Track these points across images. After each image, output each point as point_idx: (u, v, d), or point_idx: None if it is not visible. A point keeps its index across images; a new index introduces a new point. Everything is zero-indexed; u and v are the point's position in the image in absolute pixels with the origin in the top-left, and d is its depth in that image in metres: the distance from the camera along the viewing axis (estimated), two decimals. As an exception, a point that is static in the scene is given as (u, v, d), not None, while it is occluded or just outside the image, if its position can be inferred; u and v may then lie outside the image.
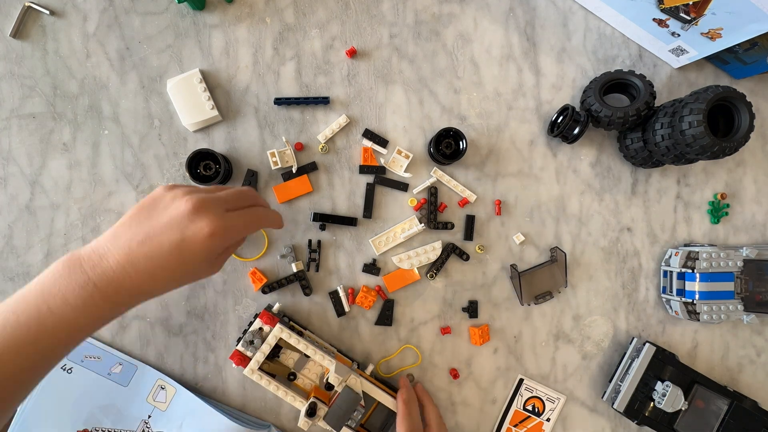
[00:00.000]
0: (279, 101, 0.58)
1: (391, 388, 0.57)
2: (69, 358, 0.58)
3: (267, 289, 0.58)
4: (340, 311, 0.59)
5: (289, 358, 0.56)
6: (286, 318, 0.57)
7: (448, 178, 0.59)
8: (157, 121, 0.59)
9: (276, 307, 0.56)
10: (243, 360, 0.53)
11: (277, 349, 0.55)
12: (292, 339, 0.53)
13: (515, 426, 0.61)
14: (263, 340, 0.53)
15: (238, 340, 0.54)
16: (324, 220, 0.58)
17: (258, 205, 0.48)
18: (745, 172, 0.62)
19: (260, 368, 0.53)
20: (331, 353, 0.55)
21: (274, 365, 0.55)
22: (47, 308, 0.38)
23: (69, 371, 0.57)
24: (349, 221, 0.59)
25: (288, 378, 0.55)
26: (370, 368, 0.57)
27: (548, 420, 0.61)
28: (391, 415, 0.55)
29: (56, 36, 0.58)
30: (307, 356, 0.54)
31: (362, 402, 0.53)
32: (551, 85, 0.61)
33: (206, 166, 0.56)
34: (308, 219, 0.59)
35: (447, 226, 0.60)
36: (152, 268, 0.40)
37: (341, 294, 0.59)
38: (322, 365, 0.54)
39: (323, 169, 0.60)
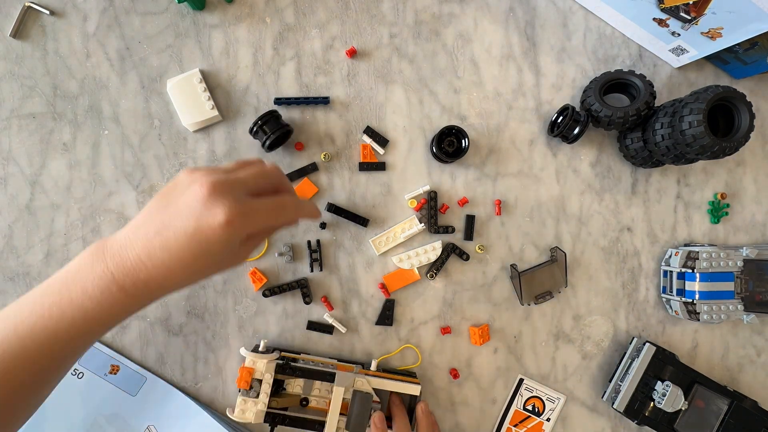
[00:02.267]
0: (279, 101, 0.58)
1: (398, 374, 0.57)
2: (81, 363, 0.57)
3: (268, 292, 0.58)
4: (340, 311, 0.59)
5: (296, 386, 0.54)
6: (276, 351, 0.55)
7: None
8: (157, 121, 0.59)
9: (262, 344, 0.54)
10: None
11: (280, 381, 0.54)
12: (287, 370, 0.53)
13: (515, 426, 0.61)
14: (261, 382, 0.52)
15: (240, 390, 0.52)
16: (338, 213, 0.58)
17: (285, 192, 0.44)
18: (745, 172, 0.62)
19: (269, 407, 0.52)
20: (332, 366, 0.55)
21: (282, 399, 0.53)
22: (68, 296, 0.37)
23: (79, 376, 0.57)
24: (362, 221, 0.59)
25: (301, 404, 0.54)
26: (373, 364, 0.57)
27: (548, 420, 0.61)
28: (412, 399, 0.56)
29: (56, 36, 0.58)
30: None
31: (375, 398, 0.53)
32: (551, 85, 0.61)
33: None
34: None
35: (448, 229, 0.60)
36: (168, 260, 0.37)
37: (336, 327, 0.59)
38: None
39: (323, 169, 0.60)
